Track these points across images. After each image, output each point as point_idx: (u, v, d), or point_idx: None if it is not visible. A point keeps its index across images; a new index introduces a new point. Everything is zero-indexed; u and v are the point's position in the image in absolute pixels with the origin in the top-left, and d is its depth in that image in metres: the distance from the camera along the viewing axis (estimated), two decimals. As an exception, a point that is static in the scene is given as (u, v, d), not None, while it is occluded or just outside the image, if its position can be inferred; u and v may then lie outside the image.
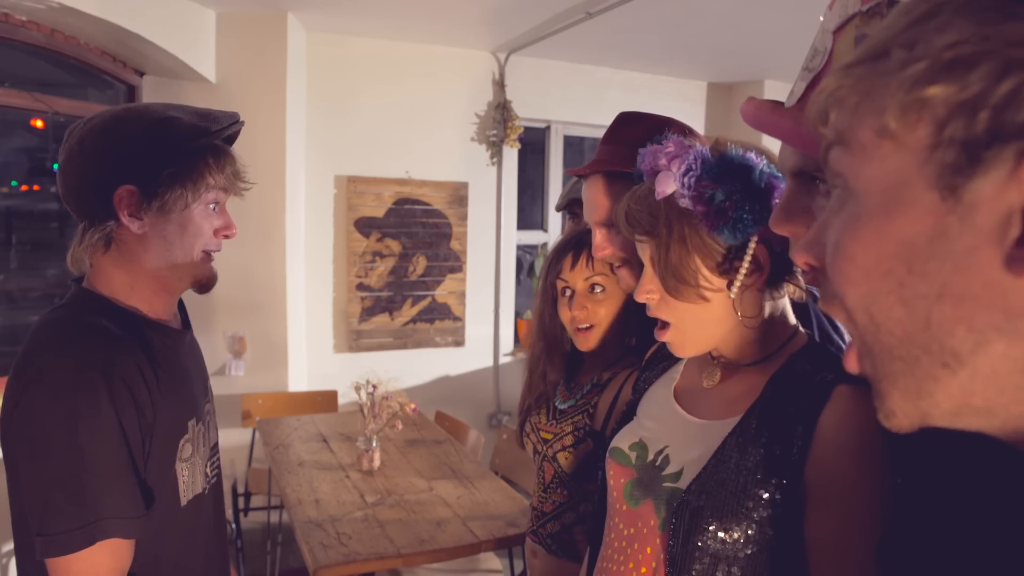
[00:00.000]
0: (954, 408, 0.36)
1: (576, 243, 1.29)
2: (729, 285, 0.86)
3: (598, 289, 1.25)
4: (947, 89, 0.31)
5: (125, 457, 0.93)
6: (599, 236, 1.17)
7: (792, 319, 0.91)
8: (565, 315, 1.28)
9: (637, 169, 0.96)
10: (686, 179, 0.82)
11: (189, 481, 1.07)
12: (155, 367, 1.01)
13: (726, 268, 0.85)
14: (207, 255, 1.09)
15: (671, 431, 0.92)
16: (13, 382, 0.93)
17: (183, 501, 1.05)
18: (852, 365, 0.41)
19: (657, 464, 0.89)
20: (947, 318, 0.34)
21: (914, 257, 0.34)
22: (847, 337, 0.44)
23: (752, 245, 0.83)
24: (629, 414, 1.02)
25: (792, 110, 0.66)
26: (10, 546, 2.71)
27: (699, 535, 0.78)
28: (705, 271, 0.86)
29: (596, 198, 1.18)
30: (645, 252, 0.91)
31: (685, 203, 0.84)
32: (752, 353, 0.89)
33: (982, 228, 0.31)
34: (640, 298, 0.91)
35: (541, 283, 1.34)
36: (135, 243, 1.02)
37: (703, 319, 0.88)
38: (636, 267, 1.12)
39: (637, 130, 1.14)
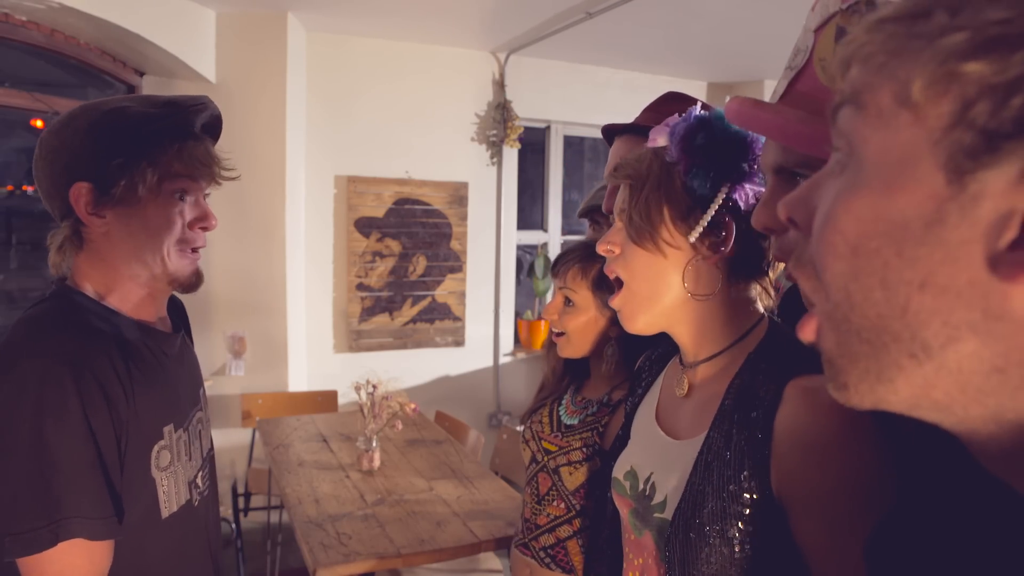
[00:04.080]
0: (912, 398, 0.36)
1: (571, 252, 1.33)
2: (696, 249, 0.85)
3: (569, 303, 1.29)
4: (984, 67, 0.29)
5: (92, 455, 0.88)
6: (608, 191, 1.25)
7: (759, 311, 0.88)
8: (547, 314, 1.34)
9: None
10: (676, 127, 0.86)
11: (170, 492, 1.01)
12: (130, 365, 0.96)
13: (691, 223, 0.85)
14: (185, 251, 1.02)
15: (654, 456, 0.91)
16: None
17: (164, 513, 1.00)
18: (809, 334, 0.40)
19: (647, 494, 0.88)
20: (925, 308, 0.33)
21: (906, 240, 0.33)
22: None
23: (719, 198, 0.83)
24: (624, 438, 1.01)
25: (774, 105, 0.67)
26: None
27: (692, 565, 0.77)
28: (670, 223, 0.85)
29: (619, 156, 1.27)
30: (622, 199, 0.91)
31: (672, 155, 0.86)
32: (709, 344, 0.87)
33: (980, 223, 0.30)
34: (601, 249, 0.91)
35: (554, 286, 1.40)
36: (103, 242, 0.99)
37: (656, 279, 0.86)
38: None
39: (680, 107, 1.15)
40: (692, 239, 0.84)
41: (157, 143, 0.96)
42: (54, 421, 0.86)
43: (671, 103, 1.26)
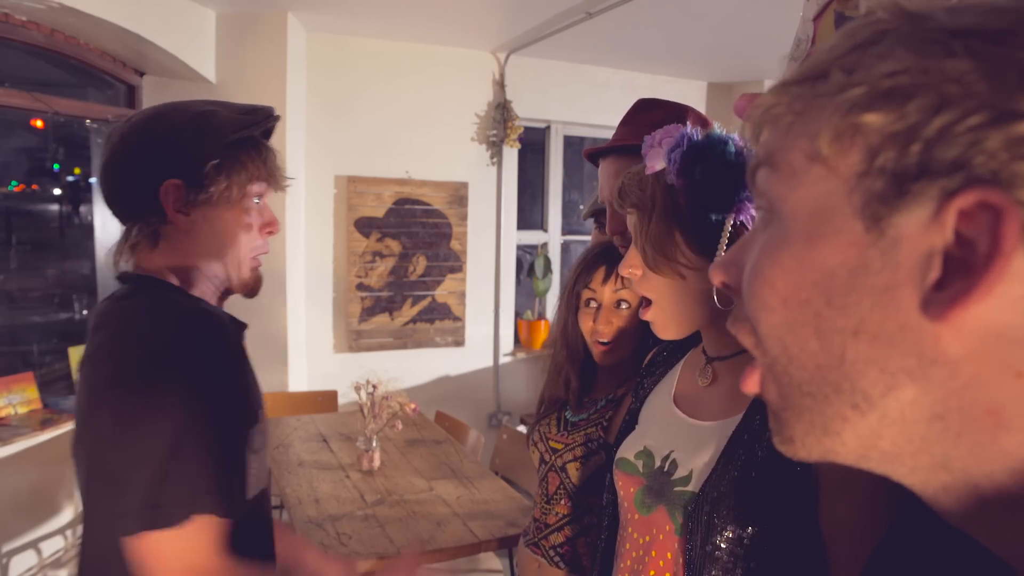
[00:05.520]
0: (860, 449, 0.35)
1: (608, 255, 1.28)
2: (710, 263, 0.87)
3: (624, 305, 1.24)
4: (883, 118, 0.31)
5: (230, 432, 0.93)
6: (609, 213, 1.22)
7: None
8: (586, 325, 1.27)
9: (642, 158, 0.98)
10: (673, 155, 0.86)
11: (255, 475, 1.03)
12: (239, 348, 1.02)
13: (706, 246, 0.87)
14: (256, 255, 1.08)
15: (675, 436, 0.92)
16: (115, 358, 0.90)
17: (249, 493, 1.01)
18: (752, 387, 0.40)
19: (665, 470, 0.89)
20: (861, 357, 0.33)
21: (834, 289, 0.33)
22: None
23: (729, 222, 0.85)
24: (631, 423, 1.02)
25: None
26: (10, 546, 2.71)
27: (716, 536, 0.78)
28: (684, 247, 0.88)
29: (611, 177, 1.24)
30: (633, 225, 0.93)
31: (671, 179, 0.87)
32: (738, 341, 0.89)
33: (902, 266, 0.31)
34: (623, 272, 0.93)
35: (567, 291, 1.34)
36: (184, 239, 1.01)
37: (682, 297, 0.90)
38: None
39: (655, 115, 1.16)
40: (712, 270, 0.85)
41: (248, 149, 1.01)
42: (203, 395, 0.88)
43: (645, 112, 1.25)
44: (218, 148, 0.99)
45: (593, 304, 1.27)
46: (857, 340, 0.33)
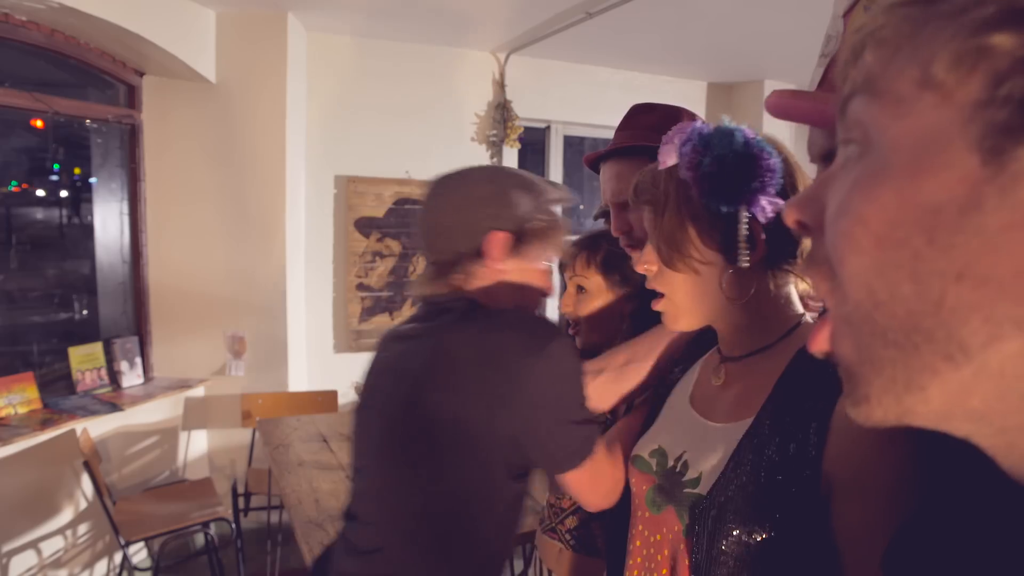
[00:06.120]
0: (945, 408, 0.32)
1: (579, 243, 1.35)
2: (728, 259, 0.87)
3: (582, 290, 1.32)
4: (1016, 39, 0.27)
5: None
6: (613, 214, 1.24)
7: (798, 308, 0.91)
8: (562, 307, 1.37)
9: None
10: (684, 148, 0.86)
11: None
12: None
13: (718, 240, 0.86)
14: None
15: (688, 437, 0.92)
16: (525, 359, 1.04)
17: None
18: (821, 343, 0.37)
19: (677, 470, 0.90)
20: (963, 303, 0.29)
21: (938, 228, 0.30)
22: None
23: (744, 217, 0.84)
24: (649, 421, 1.03)
25: (812, 93, 0.67)
26: (10, 546, 2.71)
27: (722, 539, 0.78)
28: (697, 242, 0.87)
29: (612, 179, 1.27)
30: (647, 222, 0.93)
31: (683, 173, 0.86)
32: (751, 340, 0.90)
33: (1023, 205, 0.28)
34: (640, 269, 0.94)
35: (559, 278, 1.42)
36: (494, 283, 1.12)
37: (695, 292, 0.90)
38: None
39: (652, 118, 1.18)
40: (743, 263, 0.85)
41: (556, 219, 1.16)
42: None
43: (641, 115, 1.29)
44: (541, 212, 1.12)
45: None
46: (960, 285, 0.29)
